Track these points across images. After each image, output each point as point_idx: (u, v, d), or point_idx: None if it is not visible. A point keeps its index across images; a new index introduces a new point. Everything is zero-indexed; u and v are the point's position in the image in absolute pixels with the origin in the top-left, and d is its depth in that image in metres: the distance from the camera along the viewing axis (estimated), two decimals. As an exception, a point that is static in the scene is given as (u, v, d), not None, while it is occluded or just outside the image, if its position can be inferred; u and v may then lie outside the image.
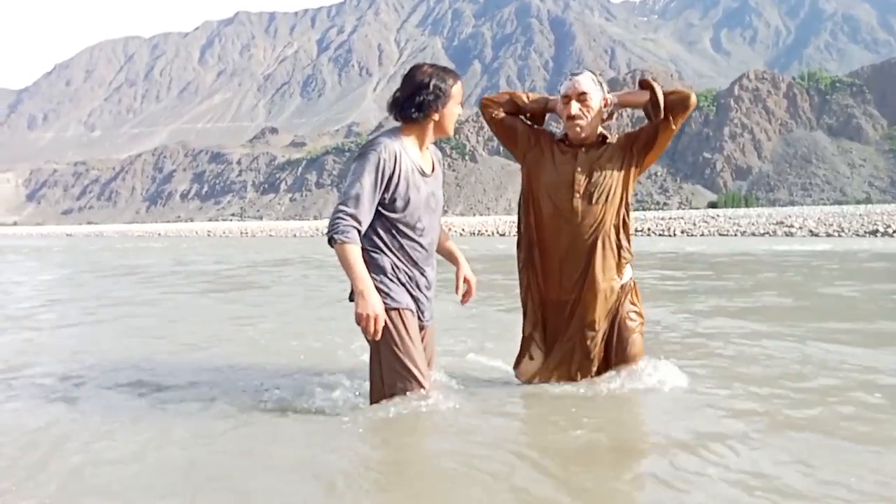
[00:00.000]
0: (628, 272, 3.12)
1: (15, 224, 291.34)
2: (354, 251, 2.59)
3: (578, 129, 2.98)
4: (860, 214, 38.28)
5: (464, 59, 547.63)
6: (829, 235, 21.00)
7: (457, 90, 2.77)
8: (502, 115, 3.15)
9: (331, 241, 2.60)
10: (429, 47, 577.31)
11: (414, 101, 2.70)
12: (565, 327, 3.08)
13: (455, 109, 2.79)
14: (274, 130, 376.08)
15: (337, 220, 2.59)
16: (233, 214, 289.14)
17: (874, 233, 20.58)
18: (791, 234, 22.22)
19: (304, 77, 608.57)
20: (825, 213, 45.69)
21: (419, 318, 2.83)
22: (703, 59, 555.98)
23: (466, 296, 3.03)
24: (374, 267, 2.70)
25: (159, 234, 56.45)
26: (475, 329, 5.09)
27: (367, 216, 2.64)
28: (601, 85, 3.05)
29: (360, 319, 2.58)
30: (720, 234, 24.01)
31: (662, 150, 3.08)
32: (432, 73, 2.73)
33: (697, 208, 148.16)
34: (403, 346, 2.70)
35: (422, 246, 2.79)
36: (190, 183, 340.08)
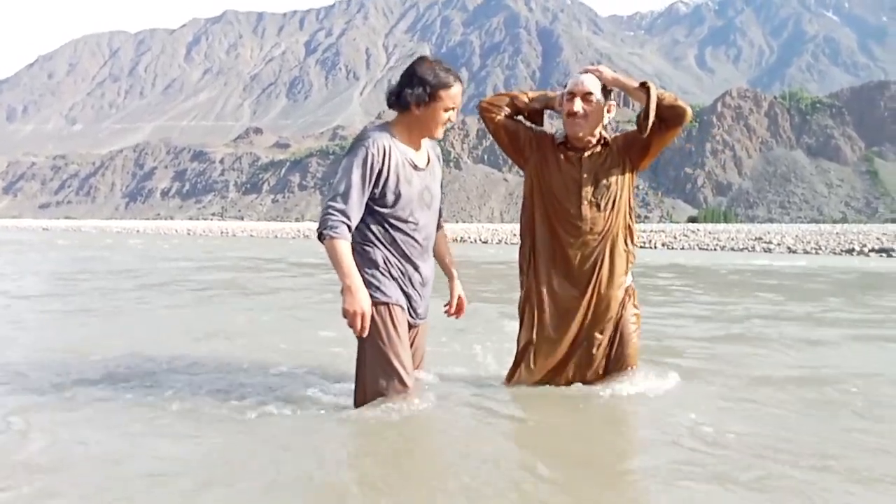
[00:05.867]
0: (629, 276, 3.10)
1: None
2: (343, 246, 2.56)
3: (578, 127, 2.92)
4: (837, 233, 38.88)
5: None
6: (806, 252, 21.26)
7: (448, 94, 2.65)
8: (503, 118, 3.05)
9: (321, 237, 2.57)
10: (417, 53, 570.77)
11: (399, 91, 2.65)
12: (567, 334, 3.01)
13: (443, 113, 2.68)
14: (258, 131, 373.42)
15: (326, 216, 2.57)
16: (213, 214, 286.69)
17: (850, 251, 20.89)
18: (769, 251, 22.48)
19: (290, 78, 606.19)
20: (803, 231, 46.40)
21: (410, 315, 2.78)
22: (687, 76, 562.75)
23: (457, 312, 3.00)
24: (366, 261, 2.67)
25: (137, 231, 55.78)
26: (464, 331, 4.98)
27: (356, 211, 2.60)
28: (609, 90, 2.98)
29: (347, 315, 2.56)
30: (700, 248, 24.22)
31: (657, 156, 3.05)
32: (427, 68, 2.64)
33: (678, 222, 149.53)
34: (389, 341, 2.65)
35: (416, 241, 2.73)
36: (171, 181, 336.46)
